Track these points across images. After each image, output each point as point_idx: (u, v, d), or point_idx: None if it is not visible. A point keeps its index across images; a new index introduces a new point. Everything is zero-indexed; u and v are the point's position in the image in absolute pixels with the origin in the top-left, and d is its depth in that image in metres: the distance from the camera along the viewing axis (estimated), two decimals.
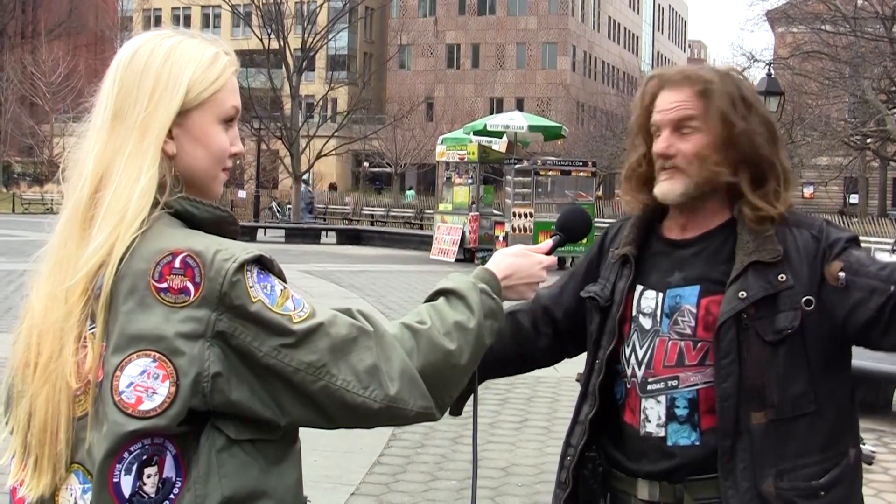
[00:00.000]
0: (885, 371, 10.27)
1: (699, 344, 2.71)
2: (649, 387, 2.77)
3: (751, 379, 2.63)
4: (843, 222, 36.99)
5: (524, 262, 2.48)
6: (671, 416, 2.73)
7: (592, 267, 3.03)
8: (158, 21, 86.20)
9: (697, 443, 2.71)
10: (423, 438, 9.01)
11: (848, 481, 2.73)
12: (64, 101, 63.00)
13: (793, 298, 2.63)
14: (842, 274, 2.60)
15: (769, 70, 31.36)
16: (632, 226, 2.94)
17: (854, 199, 67.71)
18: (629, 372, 2.83)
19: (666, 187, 2.76)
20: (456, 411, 2.96)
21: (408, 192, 62.30)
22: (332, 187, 58.98)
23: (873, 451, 8.98)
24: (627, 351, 2.84)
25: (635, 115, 2.86)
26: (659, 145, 2.76)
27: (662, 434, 2.74)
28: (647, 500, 2.79)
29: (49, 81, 68.55)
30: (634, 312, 2.85)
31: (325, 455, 8.12)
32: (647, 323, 2.81)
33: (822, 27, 45.82)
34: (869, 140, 49.45)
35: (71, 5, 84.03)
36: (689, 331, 2.73)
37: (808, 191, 67.07)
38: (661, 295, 2.80)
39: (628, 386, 2.83)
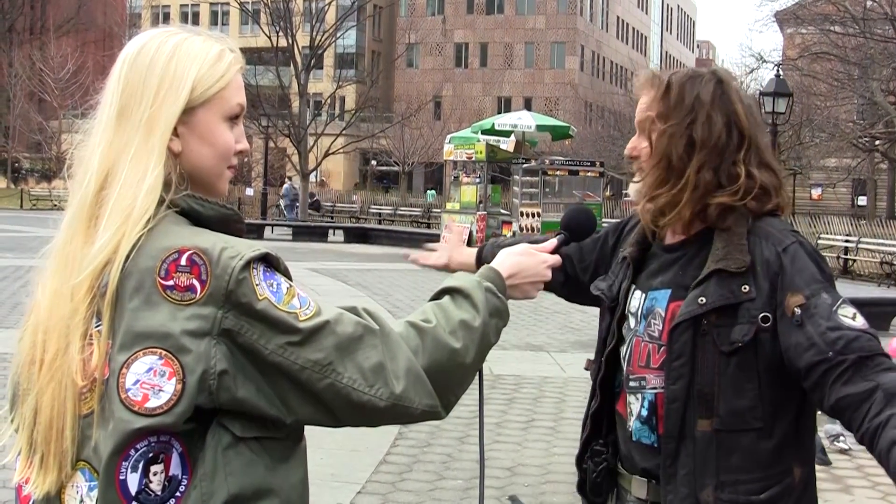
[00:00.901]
0: None
1: (662, 348, 2.72)
2: (630, 384, 2.82)
3: (701, 385, 2.63)
4: (854, 224, 36.90)
5: (529, 260, 2.47)
6: (639, 416, 2.79)
7: (606, 247, 3.15)
8: (167, 18, 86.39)
9: (655, 444, 2.75)
10: (430, 438, 9.01)
11: (789, 499, 2.69)
12: (72, 98, 63.03)
13: (751, 312, 2.61)
14: (797, 310, 2.55)
15: (778, 71, 31.38)
16: (640, 228, 2.95)
17: (862, 200, 67.63)
18: (624, 367, 2.87)
19: (633, 187, 2.84)
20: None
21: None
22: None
23: (849, 447, 9.05)
24: (623, 349, 2.89)
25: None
26: (627, 147, 2.85)
27: (632, 429, 2.81)
28: (640, 499, 2.83)
29: (57, 78, 68.61)
30: (626, 312, 2.89)
31: (332, 453, 8.13)
32: (632, 322, 2.86)
33: (831, 28, 45.76)
34: (877, 142, 49.44)
35: (79, 2, 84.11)
36: (656, 333, 2.76)
37: (816, 192, 67.08)
38: (643, 297, 2.83)
39: (623, 379, 2.88)
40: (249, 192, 55.94)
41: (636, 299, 2.86)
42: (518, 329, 14.95)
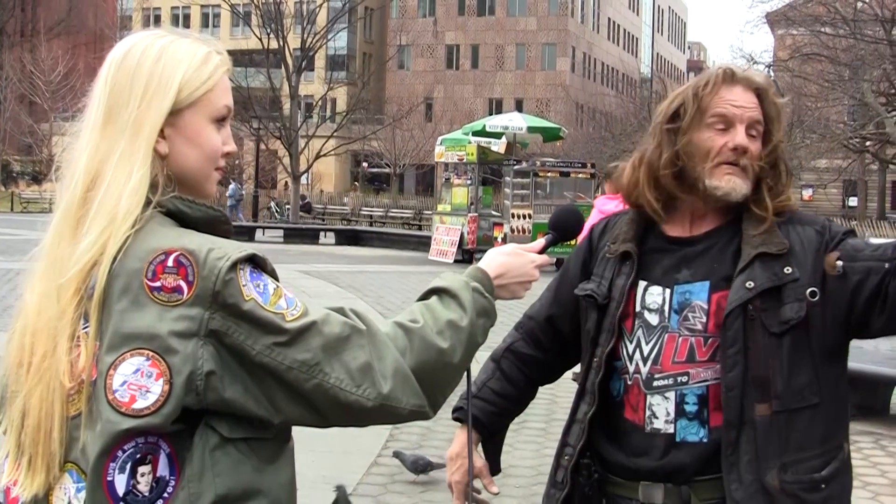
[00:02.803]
0: (883, 374, 10.30)
1: (710, 340, 2.72)
2: (655, 383, 2.77)
3: (755, 370, 2.64)
4: (844, 225, 36.97)
5: (517, 260, 2.46)
6: (680, 412, 2.74)
7: (587, 267, 3.03)
8: (158, 20, 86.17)
9: (705, 440, 2.71)
10: (421, 439, 9.01)
11: (843, 475, 2.76)
12: (63, 100, 62.98)
13: (797, 290, 2.66)
14: (839, 262, 2.65)
15: (769, 72, 31.39)
16: (630, 222, 2.94)
17: (853, 201, 67.81)
18: (631, 368, 2.82)
19: (737, 182, 2.76)
20: (495, 470, 3.12)
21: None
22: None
23: None
24: (630, 347, 2.84)
25: (688, 105, 2.81)
26: (740, 138, 2.75)
27: (671, 430, 2.74)
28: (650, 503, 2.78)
29: (48, 80, 68.55)
30: (638, 308, 2.84)
31: (323, 456, 8.12)
32: (653, 319, 2.81)
33: (822, 29, 45.79)
34: (868, 143, 49.50)
35: (70, 4, 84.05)
36: (700, 326, 2.74)
37: (807, 193, 67.07)
38: (668, 291, 2.80)
39: (629, 382, 2.83)
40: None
41: (654, 294, 2.82)
42: (508, 329, 14.93)
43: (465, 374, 2.34)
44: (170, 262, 1.92)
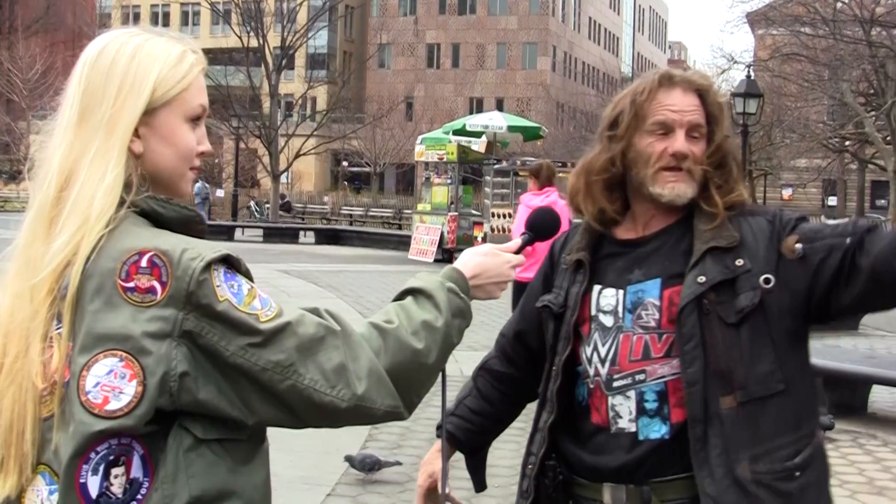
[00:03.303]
0: (860, 373, 10.35)
1: (664, 336, 2.72)
2: (615, 383, 2.77)
3: (715, 363, 2.64)
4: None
5: (493, 261, 2.46)
6: (641, 410, 2.74)
7: (549, 280, 3.04)
8: (137, 18, 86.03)
9: (667, 436, 2.71)
10: (400, 439, 9.01)
11: (819, 462, 2.75)
12: (41, 99, 62.66)
13: (751, 280, 2.66)
14: (798, 245, 2.65)
15: (749, 72, 31.50)
16: (583, 231, 2.94)
17: (832, 201, 68.08)
18: (591, 372, 2.83)
19: (681, 188, 2.76)
20: (480, 487, 3.22)
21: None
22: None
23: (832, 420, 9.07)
24: (588, 351, 2.84)
25: (625, 113, 2.81)
26: (678, 144, 2.75)
27: (634, 429, 2.74)
28: None
29: (26, 78, 68.18)
30: (594, 312, 2.84)
31: (301, 456, 8.12)
32: (608, 321, 2.81)
33: (802, 30, 45.91)
34: (847, 142, 49.71)
35: (48, 2, 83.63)
36: (653, 323, 2.74)
37: (786, 193, 67.38)
38: (621, 292, 2.81)
39: (591, 386, 2.83)
40: (220, 193, 55.82)
41: (608, 297, 2.82)
42: (488, 329, 14.94)
43: (441, 376, 2.33)
44: (143, 263, 1.91)
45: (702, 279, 2.66)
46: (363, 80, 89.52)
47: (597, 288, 2.85)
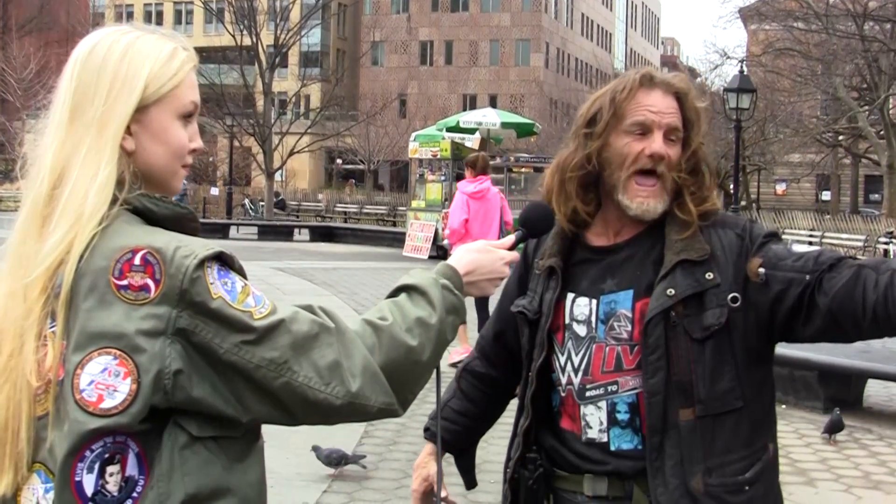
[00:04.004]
0: (855, 368, 10.35)
1: (636, 348, 2.70)
2: (588, 393, 2.77)
3: (678, 375, 2.64)
4: (818, 219, 37.19)
5: (486, 257, 2.46)
6: (613, 421, 2.74)
7: (523, 282, 3.02)
8: (131, 17, 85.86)
9: (640, 447, 2.71)
10: (396, 436, 9.01)
11: (768, 475, 2.76)
12: (35, 98, 62.49)
13: (719, 296, 2.64)
14: (761, 270, 2.63)
15: (742, 67, 31.53)
16: (554, 236, 2.90)
17: (826, 195, 68.15)
18: (564, 380, 2.83)
19: (651, 204, 2.73)
20: (470, 485, 3.24)
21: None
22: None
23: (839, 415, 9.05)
24: (562, 359, 2.84)
25: (604, 111, 2.78)
26: (656, 146, 2.71)
27: (605, 439, 2.75)
28: (595, 496, 2.77)
29: (20, 78, 68.07)
30: (567, 320, 2.83)
31: (298, 453, 8.11)
32: (581, 330, 2.80)
33: (795, 24, 46.02)
34: (841, 137, 49.81)
35: (42, 1, 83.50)
36: (625, 335, 2.73)
37: (780, 188, 67.46)
38: (594, 301, 2.79)
39: (563, 394, 2.84)
40: (214, 191, 55.77)
41: (582, 306, 2.81)
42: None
43: (436, 373, 2.33)
44: (137, 261, 1.91)
45: (671, 292, 2.64)
46: (356, 78, 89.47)
47: (570, 296, 2.83)
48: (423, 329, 2.18)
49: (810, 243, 29.86)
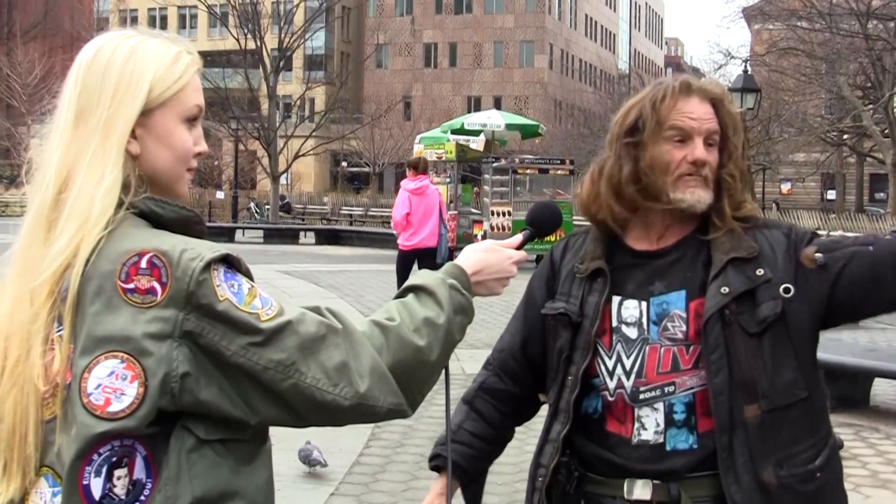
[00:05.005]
0: (862, 366, 10.34)
1: (692, 347, 2.72)
2: (642, 395, 2.76)
3: (739, 373, 2.65)
4: (824, 218, 37.17)
5: (494, 257, 2.45)
6: (670, 422, 2.74)
7: (550, 286, 3.00)
8: (135, 21, 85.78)
9: (696, 446, 2.72)
10: (403, 438, 9.01)
11: (835, 461, 2.79)
12: (40, 103, 62.56)
13: (771, 290, 2.69)
14: (818, 255, 2.70)
15: (746, 67, 31.46)
16: (594, 240, 2.91)
17: (831, 194, 68.07)
18: (612, 384, 2.81)
19: (700, 194, 2.77)
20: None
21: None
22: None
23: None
24: (609, 363, 2.82)
25: (646, 119, 2.79)
26: (698, 152, 2.75)
27: (661, 440, 2.74)
28: (638, 500, 2.75)
29: (25, 83, 68.16)
30: (615, 323, 2.82)
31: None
32: (632, 332, 2.80)
33: (798, 24, 45.99)
34: (845, 136, 49.78)
35: (46, 6, 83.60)
36: (680, 335, 2.74)
37: (785, 187, 67.41)
38: (644, 304, 2.79)
39: (610, 398, 2.81)
40: (220, 195, 55.81)
41: (630, 308, 2.81)
42: (490, 327, 14.94)
43: (444, 374, 2.32)
44: (143, 264, 1.91)
45: (725, 290, 2.68)
46: (361, 81, 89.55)
47: (616, 299, 2.83)
48: (430, 329, 2.17)
49: None
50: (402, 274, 15.97)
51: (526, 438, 8.82)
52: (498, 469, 7.98)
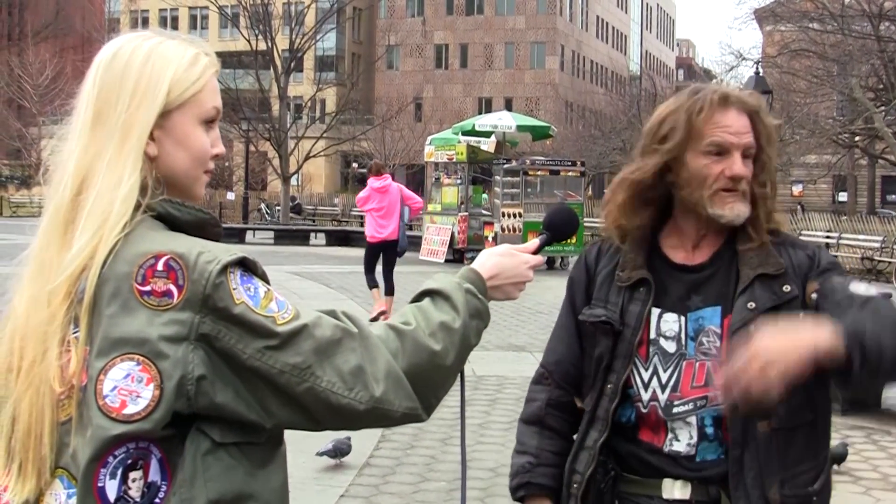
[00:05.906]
0: None
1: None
2: (675, 409, 2.77)
3: None
4: (835, 220, 37.11)
5: (510, 261, 2.44)
6: (702, 436, 2.75)
7: (588, 292, 2.99)
8: (146, 22, 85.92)
9: (723, 455, 2.74)
10: (413, 440, 9.00)
11: (829, 486, 2.81)
12: (51, 104, 62.75)
13: (793, 309, 2.69)
14: (814, 295, 2.69)
15: (757, 68, 31.44)
16: (636, 248, 2.90)
17: (843, 196, 67.91)
18: (646, 396, 2.81)
19: (739, 208, 2.76)
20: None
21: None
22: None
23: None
24: (646, 375, 2.82)
25: (678, 130, 2.77)
26: (737, 168, 2.73)
27: (693, 452, 2.76)
28: (677, 500, 2.77)
29: (36, 84, 68.39)
30: (653, 335, 2.83)
31: (314, 457, 8.11)
32: (670, 346, 2.81)
33: (810, 25, 45.86)
34: (857, 138, 49.60)
35: (57, 7, 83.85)
36: (714, 350, 2.75)
37: (797, 189, 67.18)
38: (682, 318, 2.80)
39: (644, 410, 2.81)
40: (231, 196, 55.87)
41: (670, 322, 2.81)
42: (500, 330, 14.94)
43: (460, 378, 2.32)
44: (160, 266, 1.91)
45: (752, 305, 2.69)
46: (372, 82, 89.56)
47: (656, 311, 2.84)
48: (446, 333, 2.17)
49: (827, 245, 29.80)
50: (371, 264, 17.75)
51: (507, 435, 8.84)
52: (507, 471, 7.99)
